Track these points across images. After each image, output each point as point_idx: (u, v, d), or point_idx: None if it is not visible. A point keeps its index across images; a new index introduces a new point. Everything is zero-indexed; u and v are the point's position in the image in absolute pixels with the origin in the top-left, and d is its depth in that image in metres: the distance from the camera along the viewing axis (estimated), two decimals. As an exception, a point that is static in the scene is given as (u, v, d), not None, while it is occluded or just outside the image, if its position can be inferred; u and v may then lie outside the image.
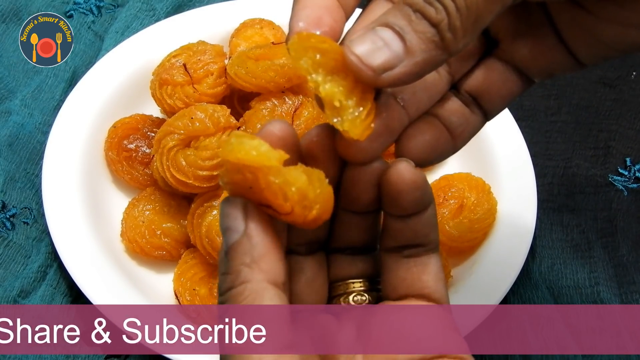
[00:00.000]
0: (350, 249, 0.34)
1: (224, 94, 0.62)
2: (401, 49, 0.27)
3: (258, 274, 0.26)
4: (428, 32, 0.27)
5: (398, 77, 0.28)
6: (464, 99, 0.34)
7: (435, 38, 0.27)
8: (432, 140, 0.32)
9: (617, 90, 0.76)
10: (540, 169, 0.67)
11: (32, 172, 0.64)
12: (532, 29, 0.33)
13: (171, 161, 0.57)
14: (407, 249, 0.32)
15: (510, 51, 0.34)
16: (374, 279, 0.34)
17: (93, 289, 0.54)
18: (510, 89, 0.34)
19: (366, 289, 0.33)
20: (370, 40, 0.28)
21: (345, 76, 0.28)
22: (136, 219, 0.59)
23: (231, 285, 0.27)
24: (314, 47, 0.28)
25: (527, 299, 0.61)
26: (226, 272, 0.27)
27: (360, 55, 0.27)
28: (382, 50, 0.27)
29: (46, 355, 0.55)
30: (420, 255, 0.32)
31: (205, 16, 0.72)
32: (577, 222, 0.66)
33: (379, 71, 0.27)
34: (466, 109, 0.34)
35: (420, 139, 0.32)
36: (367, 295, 0.33)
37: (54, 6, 0.77)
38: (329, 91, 0.28)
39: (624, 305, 0.62)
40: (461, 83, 0.34)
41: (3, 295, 0.57)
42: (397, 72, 0.28)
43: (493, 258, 0.58)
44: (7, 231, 0.61)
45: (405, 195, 0.30)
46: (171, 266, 0.59)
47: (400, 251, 0.32)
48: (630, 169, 0.70)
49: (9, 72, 0.71)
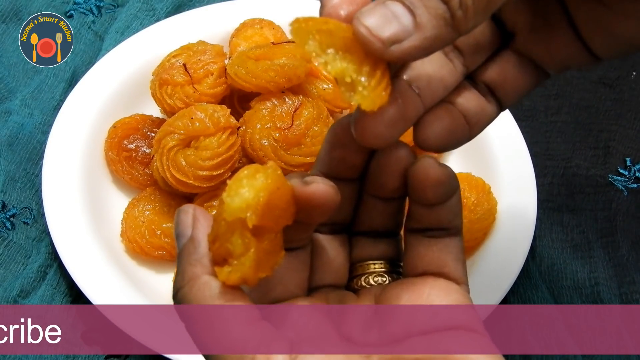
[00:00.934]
0: (373, 232, 0.34)
1: (224, 94, 0.62)
2: (411, 23, 0.27)
3: (200, 269, 0.27)
4: (439, 8, 0.27)
5: (407, 50, 0.28)
6: (480, 89, 0.34)
7: (446, 15, 0.27)
8: (450, 127, 0.32)
9: (617, 90, 0.76)
10: (540, 169, 0.67)
11: (32, 172, 0.64)
12: (549, 23, 0.33)
13: (171, 161, 0.57)
14: (430, 231, 0.32)
15: (526, 45, 0.34)
16: (394, 262, 0.34)
17: (93, 289, 0.54)
18: (526, 82, 0.34)
19: (387, 271, 0.34)
20: (380, 13, 0.28)
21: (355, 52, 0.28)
22: (136, 219, 0.59)
23: (180, 286, 0.28)
24: (318, 29, 0.28)
25: (527, 299, 0.61)
26: (176, 274, 0.28)
27: (370, 26, 0.27)
28: (392, 22, 0.27)
29: (46, 355, 0.55)
30: (442, 237, 0.32)
31: (205, 16, 0.72)
32: (577, 222, 0.66)
33: (388, 43, 0.27)
34: (482, 98, 0.34)
35: (437, 125, 0.32)
36: (387, 277, 0.34)
37: (54, 6, 0.77)
38: (339, 69, 0.28)
39: (624, 305, 0.61)
40: (476, 74, 0.34)
41: (3, 295, 0.57)
42: (406, 45, 0.27)
43: (493, 258, 0.58)
44: (7, 231, 0.61)
45: (429, 190, 0.31)
46: (171, 266, 0.59)
47: (423, 232, 0.33)
48: (630, 169, 0.70)
49: (9, 72, 0.71)
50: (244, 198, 0.26)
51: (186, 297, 0.27)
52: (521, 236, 0.59)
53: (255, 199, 0.26)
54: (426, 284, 0.32)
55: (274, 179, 0.27)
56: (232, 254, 0.27)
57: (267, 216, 0.27)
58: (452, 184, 0.31)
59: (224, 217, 0.27)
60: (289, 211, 0.28)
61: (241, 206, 0.26)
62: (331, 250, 0.33)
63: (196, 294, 0.27)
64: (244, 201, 0.26)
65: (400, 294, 0.31)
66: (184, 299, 0.27)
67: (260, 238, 0.27)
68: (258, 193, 0.26)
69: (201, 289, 0.27)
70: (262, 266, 0.27)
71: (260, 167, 0.27)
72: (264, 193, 0.27)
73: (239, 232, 0.27)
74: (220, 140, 0.57)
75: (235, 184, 0.27)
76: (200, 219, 0.29)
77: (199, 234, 0.28)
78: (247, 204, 0.26)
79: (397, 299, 0.31)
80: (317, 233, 0.33)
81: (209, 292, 0.27)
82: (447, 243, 0.32)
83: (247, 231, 0.27)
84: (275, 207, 0.27)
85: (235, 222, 0.27)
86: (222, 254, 0.27)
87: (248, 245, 0.27)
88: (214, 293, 0.27)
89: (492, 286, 0.56)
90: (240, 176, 0.27)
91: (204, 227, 0.29)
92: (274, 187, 0.27)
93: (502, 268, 0.57)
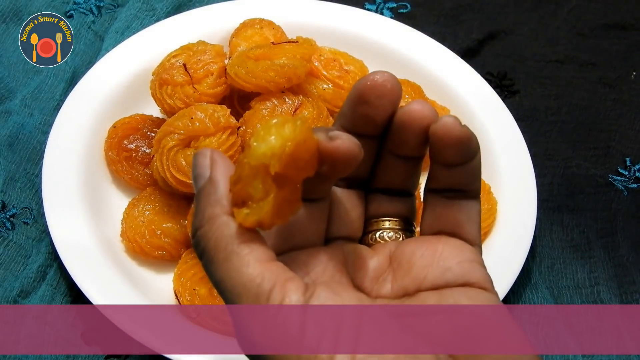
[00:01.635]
0: (389, 190, 0.35)
1: (224, 94, 0.62)
2: None
3: (220, 209, 0.28)
4: None
5: None
6: None
7: None
8: None
9: (617, 90, 0.76)
10: (540, 169, 0.67)
11: (32, 172, 0.64)
12: None
13: (171, 161, 0.57)
14: (449, 192, 0.33)
15: None
16: (408, 220, 0.35)
17: (93, 289, 0.54)
18: None
19: (400, 228, 0.34)
20: None
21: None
22: (136, 219, 0.59)
23: (199, 225, 0.28)
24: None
25: (527, 299, 0.61)
26: (195, 214, 0.29)
27: None
28: None
29: (46, 355, 0.55)
30: (460, 199, 0.33)
31: (205, 16, 0.72)
32: (577, 222, 0.66)
33: None
34: None
35: None
36: (402, 234, 0.34)
37: (54, 6, 0.77)
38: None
39: (624, 305, 0.62)
40: None
41: (3, 295, 0.57)
42: None
43: (493, 258, 0.58)
44: (7, 231, 0.61)
45: (450, 149, 0.31)
46: (171, 266, 0.59)
47: (442, 193, 0.33)
48: (630, 169, 0.70)
49: (9, 72, 0.71)
50: (271, 145, 0.27)
51: (205, 235, 0.28)
52: (521, 236, 0.59)
53: (281, 148, 0.27)
54: (440, 242, 0.32)
55: (302, 131, 0.28)
56: (252, 197, 0.28)
57: (290, 166, 0.28)
58: (473, 145, 0.31)
59: (249, 160, 0.27)
60: (312, 164, 0.29)
61: (266, 152, 0.27)
62: (348, 203, 0.34)
63: (215, 233, 0.28)
64: (270, 148, 0.27)
65: (414, 250, 0.32)
66: (203, 237, 0.28)
67: (281, 186, 0.28)
68: (285, 142, 0.27)
69: (220, 228, 0.28)
70: (279, 213, 0.28)
71: (290, 118, 0.28)
72: (291, 144, 0.27)
73: (261, 178, 0.27)
74: (220, 140, 0.57)
75: (264, 130, 0.28)
76: (219, 160, 0.29)
77: (218, 174, 0.29)
78: (273, 152, 0.27)
79: (411, 254, 0.32)
80: (335, 187, 0.34)
81: (228, 232, 0.28)
82: (464, 205, 0.33)
83: (269, 177, 0.27)
84: (299, 158, 0.28)
85: (259, 167, 0.27)
86: (243, 196, 0.28)
87: (268, 191, 0.27)
88: (232, 232, 0.28)
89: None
90: (269, 124, 0.28)
91: (222, 168, 0.29)
92: (301, 139, 0.28)
93: (502, 268, 0.57)
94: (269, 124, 0.28)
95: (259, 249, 0.27)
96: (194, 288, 0.55)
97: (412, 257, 0.32)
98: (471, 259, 0.32)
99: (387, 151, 0.34)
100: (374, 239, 0.34)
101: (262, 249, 0.28)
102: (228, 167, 0.29)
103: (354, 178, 0.34)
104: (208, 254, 0.28)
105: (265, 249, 0.28)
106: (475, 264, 0.32)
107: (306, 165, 0.28)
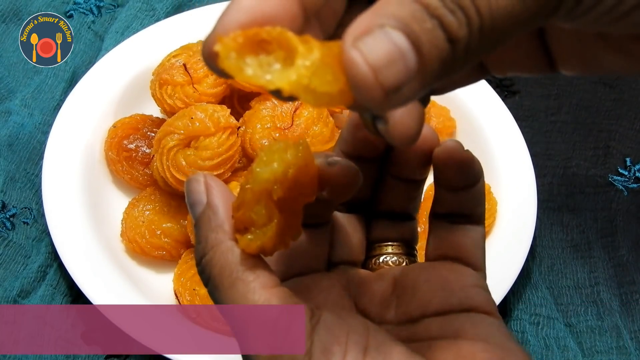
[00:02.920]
0: (391, 213, 0.35)
1: (224, 94, 0.62)
2: (415, 64, 0.21)
3: (223, 235, 0.28)
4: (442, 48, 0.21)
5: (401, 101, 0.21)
6: None
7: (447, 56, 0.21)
8: None
9: (617, 90, 0.76)
10: (540, 169, 0.67)
11: (32, 172, 0.64)
12: None
13: (171, 161, 0.57)
14: (453, 216, 0.33)
15: None
16: (410, 244, 0.35)
17: (93, 289, 0.54)
18: None
19: (403, 253, 0.34)
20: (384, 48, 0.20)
21: None
22: (136, 219, 0.59)
23: (203, 253, 0.28)
24: None
25: (527, 299, 0.61)
26: (198, 242, 0.28)
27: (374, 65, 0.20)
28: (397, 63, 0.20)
29: (46, 355, 0.54)
30: (465, 224, 0.33)
31: (205, 16, 0.72)
32: (577, 222, 0.66)
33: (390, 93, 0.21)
34: None
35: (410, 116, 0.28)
36: (405, 258, 0.34)
37: (54, 6, 0.77)
38: None
39: (624, 305, 0.62)
40: None
41: (3, 295, 0.57)
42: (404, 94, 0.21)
43: (493, 258, 0.57)
44: (7, 231, 0.61)
45: (453, 173, 0.31)
46: (171, 266, 0.59)
47: (447, 217, 0.33)
48: (630, 169, 0.70)
49: (9, 72, 0.71)
50: (273, 171, 0.27)
51: (210, 262, 0.28)
52: (521, 236, 0.59)
53: (283, 173, 0.27)
54: (444, 268, 0.32)
55: (304, 155, 0.28)
56: (254, 222, 0.27)
57: (292, 191, 0.28)
58: (475, 168, 0.31)
59: (252, 186, 0.27)
60: (313, 189, 0.29)
61: (269, 178, 0.27)
62: (349, 227, 0.34)
63: (219, 259, 0.27)
64: (273, 174, 0.27)
65: (418, 276, 0.32)
66: (207, 264, 0.28)
67: (283, 212, 0.28)
68: (287, 168, 0.27)
69: (224, 255, 0.27)
70: (280, 239, 0.28)
71: (292, 143, 0.28)
72: (293, 169, 0.27)
73: (264, 203, 0.27)
74: (220, 140, 0.57)
75: (267, 155, 0.28)
76: (213, 185, 0.29)
77: (215, 199, 0.28)
78: (275, 177, 0.27)
79: (415, 280, 0.32)
80: (336, 211, 0.34)
81: (232, 258, 0.27)
82: (468, 229, 0.33)
83: (272, 203, 0.27)
84: (301, 183, 0.28)
85: (262, 192, 0.27)
86: (245, 222, 0.28)
87: (271, 216, 0.27)
88: (237, 259, 0.27)
89: (492, 286, 0.55)
90: (272, 149, 0.28)
91: (218, 193, 0.29)
92: (302, 163, 0.28)
93: (502, 268, 0.57)
94: (271, 148, 0.28)
95: (264, 274, 0.27)
96: (194, 288, 0.55)
97: (416, 283, 0.32)
98: (475, 284, 0.32)
99: (388, 173, 0.33)
100: (378, 264, 0.34)
101: (267, 275, 0.27)
102: (223, 191, 0.29)
103: (355, 201, 0.34)
104: (213, 281, 0.27)
105: (270, 275, 0.27)
106: (479, 289, 0.32)
107: (307, 190, 0.28)
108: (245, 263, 0.27)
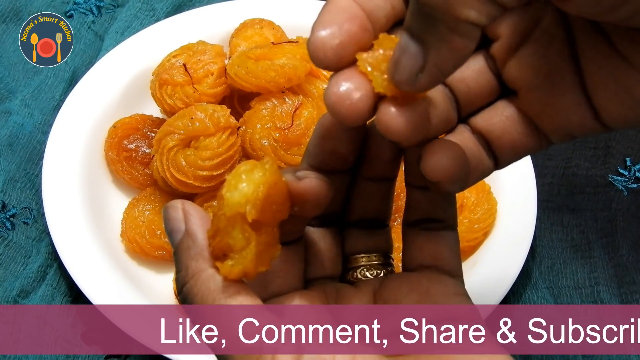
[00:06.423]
0: (365, 221, 0.34)
1: (224, 94, 0.62)
2: None
3: (203, 263, 0.27)
4: None
5: None
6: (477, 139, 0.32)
7: None
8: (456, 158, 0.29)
9: (617, 90, 0.76)
10: (540, 169, 0.67)
11: (32, 172, 0.64)
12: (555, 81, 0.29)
13: (171, 161, 0.57)
14: (425, 222, 0.33)
15: (527, 104, 0.30)
16: (386, 254, 0.35)
17: (93, 289, 0.54)
18: (525, 142, 0.31)
19: (380, 263, 0.34)
20: None
21: None
22: (136, 219, 0.59)
23: (184, 282, 0.28)
24: None
25: (527, 299, 0.61)
26: (178, 271, 0.28)
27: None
28: None
29: (46, 355, 0.55)
30: (438, 230, 0.33)
31: (205, 16, 0.72)
32: (577, 222, 0.66)
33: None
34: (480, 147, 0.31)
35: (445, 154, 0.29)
36: (382, 269, 0.34)
37: (54, 6, 0.77)
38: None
39: (624, 305, 0.61)
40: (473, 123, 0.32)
41: (3, 295, 0.57)
42: None
43: (493, 258, 0.58)
44: (7, 231, 0.61)
45: None
46: (171, 266, 0.59)
47: (420, 224, 0.33)
48: (630, 169, 0.70)
49: (9, 72, 0.71)
50: (244, 193, 0.27)
51: (191, 291, 0.27)
52: (521, 236, 0.59)
53: (254, 193, 0.27)
54: (423, 278, 0.32)
55: (272, 173, 0.27)
56: (232, 248, 0.27)
57: (266, 210, 0.27)
58: None
59: (224, 212, 0.27)
60: (285, 205, 0.29)
61: (240, 201, 0.27)
62: (323, 242, 0.34)
63: (200, 288, 0.27)
64: (244, 196, 0.27)
65: (399, 288, 0.32)
66: (189, 294, 0.27)
67: (259, 232, 0.27)
68: (257, 187, 0.27)
69: (205, 283, 0.27)
70: (261, 260, 0.28)
71: (258, 162, 0.28)
72: (263, 187, 0.27)
73: (239, 227, 0.27)
74: (220, 140, 0.57)
75: (235, 178, 0.27)
76: (192, 212, 0.28)
77: (194, 226, 0.28)
78: (247, 199, 0.27)
79: (396, 292, 0.32)
80: (309, 226, 0.34)
81: (214, 285, 0.27)
82: (443, 236, 0.33)
83: (247, 225, 0.27)
84: (273, 201, 0.28)
85: (235, 216, 0.27)
86: (223, 248, 0.27)
87: (249, 239, 0.27)
88: (218, 287, 0.27)
89: (492, 286, 0.56)
90: (239, 171, 0.27)
91: (197, 220, 0.28)
92: (272, 181, 0.27)
93: (502, 268, 0.57)
94: (237, 171, 0.27)
95: (247, 300, 0.27)
96: (194, 288, 0.55)
97: (397, 295, 0.31)
98: (456, 292, 0.31)
99: (359, 176, 0.33)
100: (355, 277, 0.34)
101: (250, 300, 0.27)
102: (202, 217, 0.28)
103: (327, 215, 0.34)
104: (197, 310, 0.27)
105: (253, 299, 0.27)
106: (461, 297, 0.31)
107: (280, 207, 0.28)
108: (227, 290, 0.27)
